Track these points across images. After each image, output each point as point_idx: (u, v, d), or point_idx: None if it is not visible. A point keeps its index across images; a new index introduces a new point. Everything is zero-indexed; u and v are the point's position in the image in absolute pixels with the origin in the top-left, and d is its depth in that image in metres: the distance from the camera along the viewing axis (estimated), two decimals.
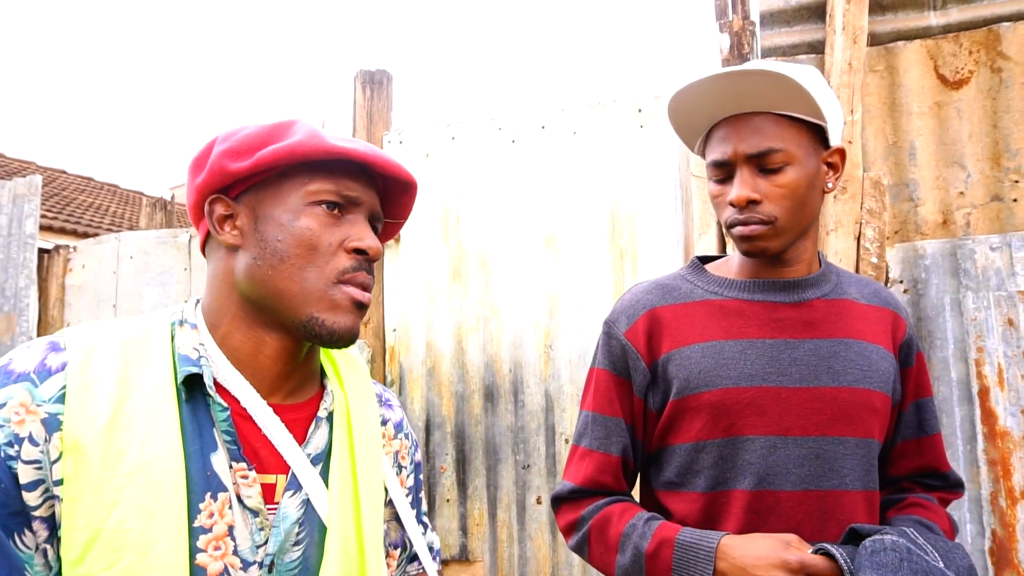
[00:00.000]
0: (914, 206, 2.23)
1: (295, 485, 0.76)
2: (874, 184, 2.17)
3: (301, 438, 0.78)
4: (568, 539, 1.14)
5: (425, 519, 0.97)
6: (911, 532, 0.93)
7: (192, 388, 0.73)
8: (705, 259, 1.20)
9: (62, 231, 7.67)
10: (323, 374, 0.87)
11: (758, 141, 1.00)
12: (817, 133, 1.04)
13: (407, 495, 0.93)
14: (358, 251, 0.78)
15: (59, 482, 0.66)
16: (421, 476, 0.99)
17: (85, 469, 0.66)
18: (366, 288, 0.79)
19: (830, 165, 1.07)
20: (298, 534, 0.75)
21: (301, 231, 0.75)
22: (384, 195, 0.88)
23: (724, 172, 1.04)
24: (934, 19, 2.29)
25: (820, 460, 1.01)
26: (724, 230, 1.09)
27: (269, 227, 0.76)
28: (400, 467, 0.93)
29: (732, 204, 1.02)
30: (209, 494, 0.70)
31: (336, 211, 0.78)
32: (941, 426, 2.04)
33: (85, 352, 0.71)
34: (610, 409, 1.11)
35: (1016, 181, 2.13)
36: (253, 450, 0.74)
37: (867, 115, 2.27)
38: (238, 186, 0.78)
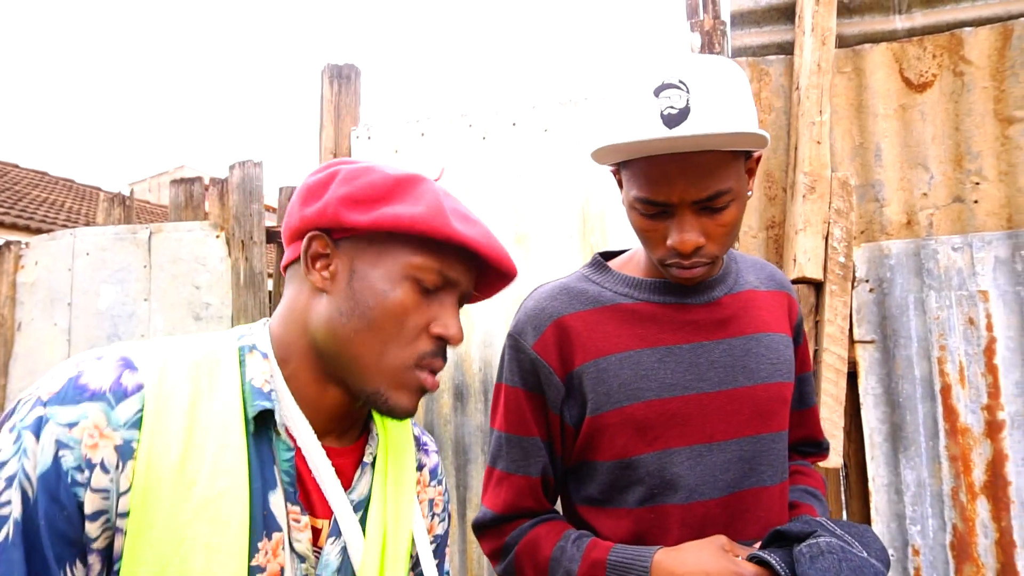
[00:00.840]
0: (880, 206, 2.26)
1: (336, 531, 0.74)
2: (842, 184, 2.19)
3: (347, 482, 0.78)
4: (495, 565, 1.10)
5: (447, 569, 0.95)
6: (827, 523, 0.94)
7: (259, 422, 0.71)
8: (607, 255, 1.14)
9: (14, 227, 7.41)
10: (369, 416, 0.86)
11: (707, 184, 0.90)
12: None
13: (433, 543, 0.91)
14: (440, 337, 0.76)
15: (124, 514, 0.62)
16: (448, 527, 0.97)
17: (155, 502, 0.62)
18: (435, 372, 0.78)
19: (749, 172, 0.99)
20: None
21: (395, 304, 0.73)
22: (479, 275, 0.86)
23: (658, 209, 0.94)
24: (899, 23, 2.33)
25: (742, 462, 0.99)
26: (653, 260, 1.00)
27: (363, 287, 0.73)
28: (433, 515, 0.92)
29: (676, 249, 0.93)
30: (266, 533, 0.68)
31: (432, 290, 0.76)
32: (904, 423, 2.08)
33: (160, 374, 0.67)
34: (524, 429, 1.04)
35: (977, 183, 2.18)
36: (306, 492, 0.74)
37: (835, 116, 2.30)
38: (344, 231, 0.75)
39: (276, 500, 0.69)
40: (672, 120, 0.87)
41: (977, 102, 2.20)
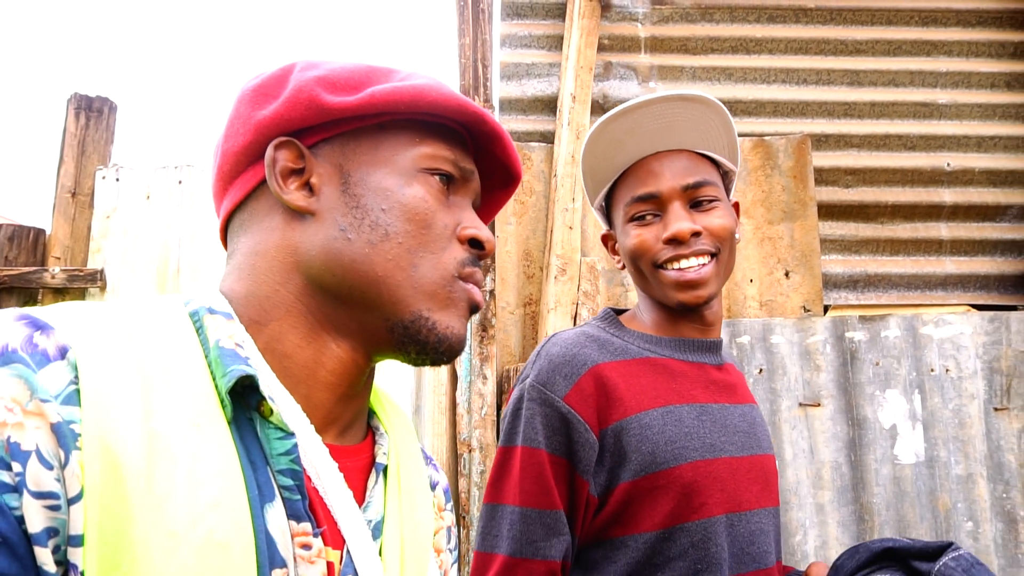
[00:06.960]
0: (625, 291, 2.44)
1: (350, 569, 0.52)
2: (590, 269, 2.34)
3: (358, 495, 0.57)
4: None
5: None
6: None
7: (236, 402, 0.50)
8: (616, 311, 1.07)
9: None
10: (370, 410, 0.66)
11: (690, 172, 0.95)
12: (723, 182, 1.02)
13: None
14: (473, 243, 0.61)
15: (77, 539, 0.39)
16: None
17: (121, 517, 0.40)
18: (479, 287, 0.62)
19: (735, 207, 1.04)
20: None
21: (415, 202, 0.57)
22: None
23: (652, 207, 0.95)
24: None
25: (763, 535, 0.91)
26: (653, 278, 0.97)
27: (367, 190, 0.57)
28: (449, 549, 0.71)
29: (674, 238, 0.92)
30: (269, 567, 0.46)
31: (448, 187, 0.61)
32: None
33: (88, 335, 0.45)
34: (547, 501, 0.87)
35: None
36: (314, 507, 0.51)
37: (586, 205, 2.46)
38: (320, 132, 0.58)
39: (275, 516, 0.48)
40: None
41: None
